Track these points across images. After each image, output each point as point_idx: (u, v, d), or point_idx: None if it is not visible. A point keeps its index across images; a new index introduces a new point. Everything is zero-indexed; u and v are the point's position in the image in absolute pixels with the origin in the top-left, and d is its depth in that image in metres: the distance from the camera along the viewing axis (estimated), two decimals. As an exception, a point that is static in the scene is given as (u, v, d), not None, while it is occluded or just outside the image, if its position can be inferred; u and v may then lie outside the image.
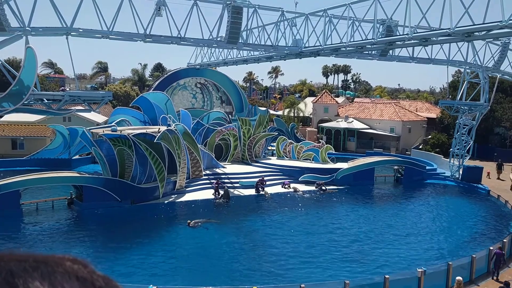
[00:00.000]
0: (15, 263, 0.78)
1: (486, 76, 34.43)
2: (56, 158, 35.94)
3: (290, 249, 20.96)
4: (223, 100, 43.84)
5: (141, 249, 20.32)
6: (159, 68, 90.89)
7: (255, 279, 17.26)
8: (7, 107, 22.12)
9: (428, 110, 62.15)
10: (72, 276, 0.81)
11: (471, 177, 36.52)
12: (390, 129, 52.89)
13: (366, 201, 31.58)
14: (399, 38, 24.39)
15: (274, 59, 35.05)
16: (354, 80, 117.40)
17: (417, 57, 31.72)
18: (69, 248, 20.38)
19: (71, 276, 0.81)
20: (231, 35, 25.88)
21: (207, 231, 23.24)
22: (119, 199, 26.64)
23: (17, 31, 21.43)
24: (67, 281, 0.79)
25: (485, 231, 25.50)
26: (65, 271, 0.81)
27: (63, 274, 0.80)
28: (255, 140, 38.28)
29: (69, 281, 0.79)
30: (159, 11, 24.42)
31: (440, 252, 21.76)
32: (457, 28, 20.08)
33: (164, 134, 27.36)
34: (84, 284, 0.81)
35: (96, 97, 27.11)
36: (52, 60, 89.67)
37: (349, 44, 26.55)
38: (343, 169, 35.40)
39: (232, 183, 32.82)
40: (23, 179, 25.11)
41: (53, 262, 0.82)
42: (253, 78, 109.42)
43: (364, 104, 60.25)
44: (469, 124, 35.85)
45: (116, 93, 57.34)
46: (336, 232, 23.81)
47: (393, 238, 23.27)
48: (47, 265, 0.80)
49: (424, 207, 30.60)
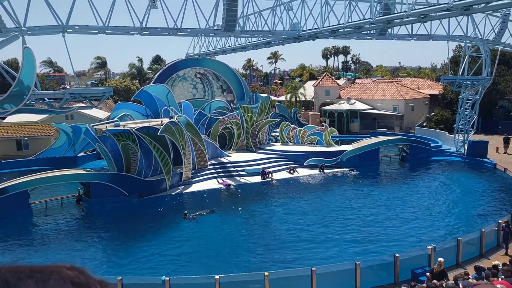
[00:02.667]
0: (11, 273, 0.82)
1: (487, 49, 34.09)
2: (61, 157, 36.10)
3: (300, 233, 21.08)
4: (224, 89, 43.70)
5: (151, 241, 20.50)
6: (158, 61, 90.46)
7: (266, 264, 17.39)
8: (9, 109, 22.15)
9: (430, 87, 61.76)
10: (67, 281, 0.84)
11: (476, 152, 36.42)
12: (393, 108, 52.66)
13: (372, 182, 31.61)
14: (397, 16, 24.11)
15: (273, 44, 34.79)
16: (354, 61, 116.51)
17: (416, 34, 31.39)
18: (80, 245, 20.60)
19: (65, 281, 0.83)
20: (227, 22, 25.67)
21: (216, 220, 23.40)
22: (127, 194, 26.80)
23: (13, 32, 21.36)
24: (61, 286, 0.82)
25: (493, 205, 25.52)
26: (60, 277, 0.84)
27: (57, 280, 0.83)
28: (258, 127, 38.24)
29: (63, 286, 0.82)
30: (154, 3, 24.23)
31: (449, 228, 21.83)
32: (455, 2, 19.81)
33: (167, 127, 27.38)
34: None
35: (97, 93, 27.09)
36: (51, 59, 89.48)
37: (347, 25, 26.31)
38: (348, 151, 35.39)
39: (238, 171, 32.92)
40: (31, 179, 25.28)
41: (48, 270, 0.85)
42: (252, 65, 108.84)
43: (365, 85, 59.90)
44: (472, 98, 35.63)
45: (116, 88, 57.23)
46: (344, 214, 23.90)
47: (401, 217, 23.35)
48: (42, 273, 0.84)
49: (430, 184, 30.60)
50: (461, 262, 16.98)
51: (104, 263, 18.60)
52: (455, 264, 16.92)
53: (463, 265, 16.77)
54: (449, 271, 16.20)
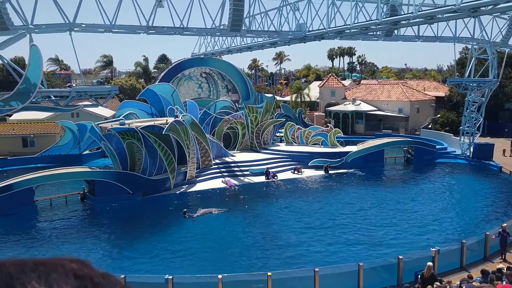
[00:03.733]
0: (14, 267, 0.84)
1: (494, 51, 33.90)
2: (66, 154, 36.27)
3: (303, 234, 21.06)
4: (229, 89, 43.72)
5: (154, 239, 20.56)
6: (164, 60, 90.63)
7: (269, 264, 17.39)
8: (15, 106, 22.28)
9: (436, 89, 61.49)
10: (70, 274, 0.85)
11: (482, 155, 36.24)
12: (398, 109, 52.48)
13: (377, 183, 31.53)
14: (404, 17, 24.01)
15: (278, 44, 34.74)
16: (360, 62, 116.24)
17: (423, 36, 31.24)
18: (84, 243, 20.68)
19: (68, 274, 0.85)
20: (234, 22, 25.68)
21: (220, 220, 23.41)
22: (131, 192, 26.87)
23: (20, 30, 21.48)
24: (63, 279, 0.83)
25: (498, 208, 25.39)
26: (63, 270, 0.85)
27: (60, 273, 0.84)
28: (263, 127, 38.24)
29: (66, 279, 0.84)
30: (160, 2, 24.28)
31: (453, 230, 21.73)
32: (463, 4, 19.71)
33: (172, 126, 27.44)
34: (82, 281, 0.85)
35: (103, 92, 27.18)
36: (58, 56, 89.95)
37: (353, 26, 26.22)
38: (353, 152, 35.31)
39: (242, 171, 32.93)
40: (36, 176, 25.42)
41: (51, 263, 0.86)
42: (258, 65, 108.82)
43: (371, 86, 59.76)
44: (478, 101, 35.44)
45: (122, 86, 57.46)
46: (348, 215, 23.85)
47: (405, 218, 23.26)
48: (46, 266, 0.85)
49: (435, 187, 30.47)
50: (465, 265, 16.89)
51: (108, 261, 18.65)
52: (459, 267, 16.85)
53: (467, 268, 16.69)
54: (453, 274, 16.19)
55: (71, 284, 0.83)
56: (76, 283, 0.84)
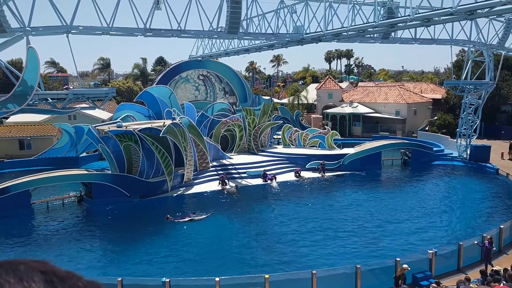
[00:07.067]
0: None
1: (490, 54, 34.05)
2: (63, 157, 36.16)
3: (301, 236, 21.05)
4: (227, 91, 43.72)
5: (152, 243, 20.50)
6: (161, 62, 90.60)
7: (267, 267, 17.37)
8: (12, 108, 22.25)
9: (433, 91, 61.66)
10: (35, 270, 0.92)
11: (479, 157, 36.35)
12: (395, 112, 52.61)
13: (374, 185, 31.56)
14: (400, 19, 24.12)
15: (276, 47, 34.85)
16: (357, 64, 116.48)
17: (419, 38, 31.40)
18: (81, 245, 20.59)
19: (34, 270, 0.92)
20: (231, 25, 25.74)
21: (217, 222, 23.37)
22: (128, 195, 26.81)
23: (17, 32, 21.47)
24: (30, 273, 0.90)
25: (495, 210, 25.45)
26: (28, 267, 0.92)
27: (26, 269, 0.91)
28: (260, 129, 38.26)
29: (32, 273, 0.90)
30: (158, 5, 24.32)
31: (450, 232, 21.76)
32: (459, 7, 19.81)
33: (169, 128, 27.41)
34: (47, 275, 0.91)
35: (100, 94, 27.17)
36: (54, 59, 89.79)
37: (350, 29, 26.31)
38: (350, 154, 35.35)
39: (239, 173, 32.91)
40: (32, 179, 25.32)
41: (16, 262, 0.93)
42: (255, 67, 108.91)
43: (368, 88, 59.88)
44: (475, 103, 35.56)
45: (119, 89, 57.41)
46: (345, 217, 23.84)
47: (402, 220, 23.28)
48: (11, 263, 0.92)
49: (432, 189, 30.53)
50: (462, 267, 16.92)
51: (105, 264, 18.60)
52: (456, 268, 16.88)
53: (464, 270, 16.71)
54: (450, 276, 16.24)
55: (38, 277, 0.89)
56: (43, 277, 0.90)
